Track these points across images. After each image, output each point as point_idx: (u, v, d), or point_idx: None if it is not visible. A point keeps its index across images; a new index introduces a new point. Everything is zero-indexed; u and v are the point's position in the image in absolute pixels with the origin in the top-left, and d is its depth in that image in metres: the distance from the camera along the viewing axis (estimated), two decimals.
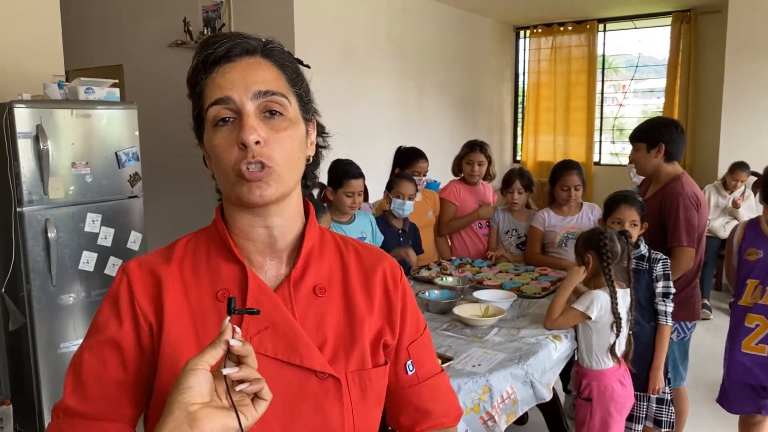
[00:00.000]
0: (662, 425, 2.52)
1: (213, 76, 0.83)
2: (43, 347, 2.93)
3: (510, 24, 7.73)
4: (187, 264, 0.88)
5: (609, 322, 2.23)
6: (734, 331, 2.32)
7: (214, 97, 0.81)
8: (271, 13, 4.67)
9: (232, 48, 0.82)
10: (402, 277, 0.98)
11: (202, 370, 0.68)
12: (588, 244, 2.31)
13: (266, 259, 0.88)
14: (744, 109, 5.45)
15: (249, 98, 0.81)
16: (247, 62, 0.83)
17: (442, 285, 2.75)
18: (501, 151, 7.85)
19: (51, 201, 2.90)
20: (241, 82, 0.81)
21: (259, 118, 0.81)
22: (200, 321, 0.84)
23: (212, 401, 0.68)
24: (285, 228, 0.88)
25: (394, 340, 0.94)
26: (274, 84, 0.83)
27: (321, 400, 0.84)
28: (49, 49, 3.53)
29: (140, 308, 0.84)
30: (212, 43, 0.83)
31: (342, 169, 2.82)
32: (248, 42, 0.84)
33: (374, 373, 0.90)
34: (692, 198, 2.56)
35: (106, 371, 0.83)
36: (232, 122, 0.81)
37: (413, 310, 0.98)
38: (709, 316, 4.84)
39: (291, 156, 0.84)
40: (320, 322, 0.87)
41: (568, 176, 3.13)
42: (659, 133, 2.65)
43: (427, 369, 1.00)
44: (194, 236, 0.92)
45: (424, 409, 0.98)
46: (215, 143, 0.82)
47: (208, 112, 0.82)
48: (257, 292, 0.85)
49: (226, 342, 0.69)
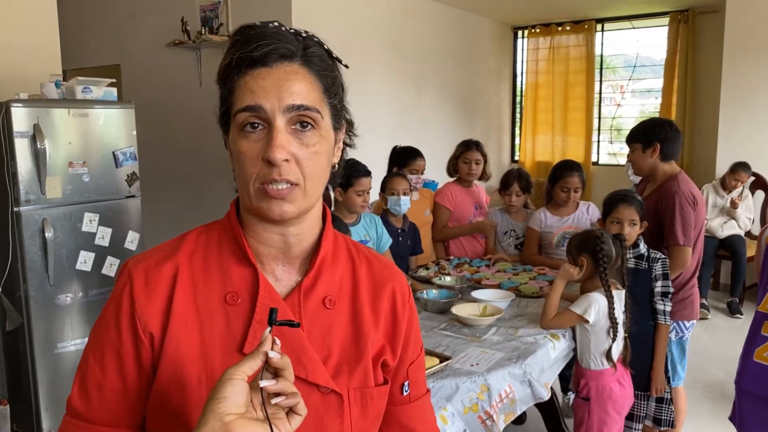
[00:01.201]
0: (661, 424, 2.52)
1: (246, 78, 0.79)
2: (40, 347, 2.92)
3: (508, 24, 7.73)
4: (197, 259, 0.85)
5: (606, 327, 2.23)
6: (750, 339, 2.23)
7: (245, 102, 0.78)
8: (269, 14, 4.67)
9: (270, 53, 0.78)
10: (410, 298, 0.96)
11: (239, 380, 0.66)
12: (583, 246, 2.31)
13: (279, 265, 0.86)
14: (742, 109, 5.46)
15: (281, 111, 0.77)
16: (284, 70, 0.79)
17: (440, 284, 2.75)
18: (499, 150, 7.85)
19: (48, 200, 2.89)
20: (274, 91, 0.77)
21: (288, 132, 0.78)
22: (207, 323, 0.82)
23: (247, 412, 0.67)
24: (302, 236, 0.86)
25: (394, 361, 0.92)
26: (309, 97, 0.79)
27: (322, 415, 0.83)
28: (46, 48, 3.52)
29: (140, 320, 0.81)
30: (248, 41, 0.79)
31: (351, 168, 2.80)
32: (287, 46, 0.79)
33: (376, 392, 0.88)
34: (688, 196, 2.57)
35: (106, 379, 0.82)
36: (260, 130, 0.78)
37: (417, 331, 0.97)
38: (707, 315, 4.85)
39: (319, 172, 0.82)
40: (326, 334, 0.85)
41: (570, 178, 3.13)
42: (654, 133, 2.67)
43: (419, 389, 0.99)
44: (206, 229, 0.89)
45: (409, 429, 0.98)
46: (241, 149, 0.79)
47: (236, 116, 0.79)
48: (267, 299, 0.82)
49: (264, 353, 0.68)
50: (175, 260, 0.84)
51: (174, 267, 0.84)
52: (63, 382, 2.96)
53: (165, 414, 0.81)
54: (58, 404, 2.96)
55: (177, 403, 0.80)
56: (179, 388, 0.80)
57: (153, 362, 0.82)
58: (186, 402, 0.80)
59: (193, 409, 0.79)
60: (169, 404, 0.80)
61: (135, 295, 0.82)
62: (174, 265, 0.84)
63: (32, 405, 2.94)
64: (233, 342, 0.82)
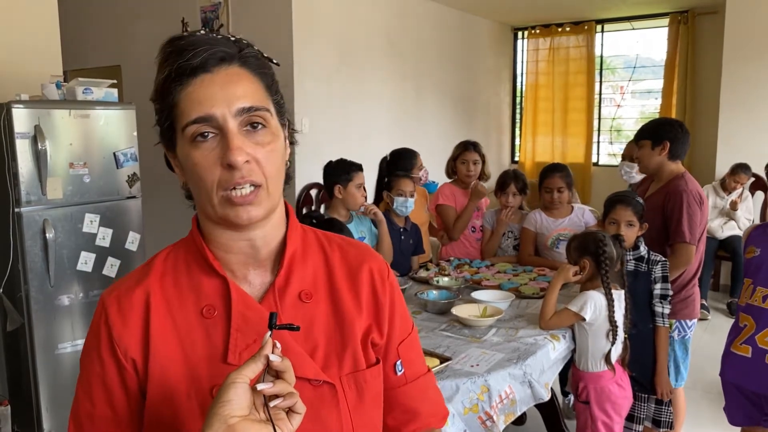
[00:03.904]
0: (661, 425, 2.52)
1: (189, 89, 0.78)
2: (41, 348, 2.92)
3: (508, 25, 7.74)
4: (168, 281, 0.85)
5: (605, 328, 2.23)
6: (731, 331, 2.31)
7: (193, 114, 0.77)
8: (269, 14, 4.67)
9: (209, 58, 0.78)
10: (390, 275, 0.96)
11: (241, 383, 0.68)
12: (584, 249, 2.30)
13: (249, 270, 0.86)
14: (741, 110, 5.46)
15: (232, 115, 0.77)
16: (226, 73, 0.79)
17: (439, 285, 2.75)
18: (499, 151, 7.86)
19: (49, 201, 2.90)
20: (222, 97, 0.77)
21: (241, 134, 0.78)
22: (187, 340, 0.83)
23: (251, 414, 0.69)
24: (267, 238, 0.86)
25: (382, 339, 0.93)
26: (256, 97, 0.80)
27: (317, 408, 0.83)
28: (47, 49, 3.53)
29: (119, 347, 0.82)
30: (182, 51, 0.78)
31: (346, 164, 2.84)
32: (223, 49, 0.79)
33: (369, 374, 0.89)
34: (696, 196, 2.58)
35: (96, 410, 0.83)
36: (212, 138, 0.78)
37: (402, 308, 0.97)
38: (707, 316, 4.86)
39: (278, 170, 0.82)
40: (309, 328, 0.86)
41: (551, 178, 3.16)
42: (664, 131, 2.69)
43: (416, 369, 0.98)
44: (173, 249, 0.89)
45: (412, 410, 0.97)
46: (195, 161, 0.78)
47: (185, 129, 0.78)
48: (242, 306, 0.83)
49: (265, 357, 0.70)
50: (146, 284, 0.85)
51: (145, 291, 0.84)
52: (64, 382, 2.97)
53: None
54: (58, 405, 2.96)
55: (170, 421, 0.81)
56: (170, 407, 0.81)
57: (140, 386, 0.83)
58: (179, 418, 0.81)
59: (187, 424, 0.81)
60: (163, 423, 0.82)
61: (111, 323, 0.83)
62: (145, 290, 0.84)
63: (33, 405, 2.94)
64: (216, 353, 0.82)
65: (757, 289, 2.18)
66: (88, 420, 0.83)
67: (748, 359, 2.18)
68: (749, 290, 2.21)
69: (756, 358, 2.15)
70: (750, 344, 2.18)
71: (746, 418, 2.28)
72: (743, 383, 2.22)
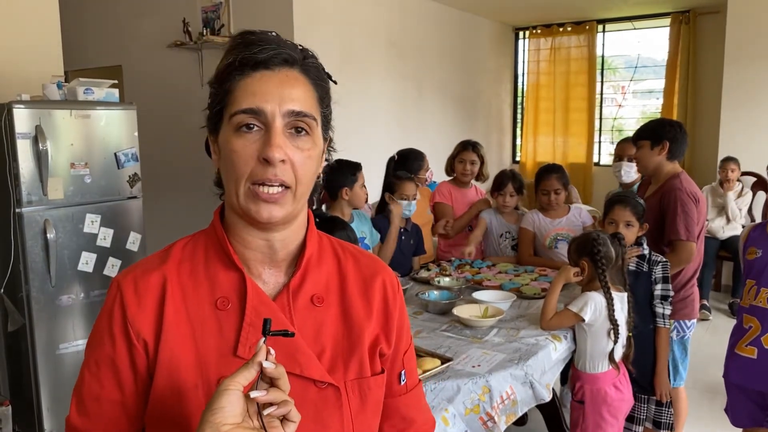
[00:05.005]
0: (661, 427, 2.52)
1: (247, 80, 0.80)
2: (42, 348, 2.92)
3: (509, 25, 7.73)
4: (185, 268, 0.86)
5: (605, 328, 2.23)
6: (734, 332, 2.31)
7: (245, 104, 0.79)
8: (271, 14, 4.67)
9: (274, 56, 0.80)
10: (399, 289, 0.98)
11: (234, 390, 0.68)
12: (581, 250, 2.31)
13: (265, 268, 0.87)
14: (743, 111, 5.45)
15: (281, 114, 0.79)
16: (285, 74, 0.81)
17: (440, 286, 2.75)
18: (500, 151, 7.85)
19: (50, 202, 2.90)
20: (276, 95, 0.79)
21: (285, 135, 0.80)
22: (199, 329, 0.83)
23: (244, 422, 0.68)
24: (287, 241, 0.87)
25: (390, 350, 0.94)
26: (307, 104, 0.82)
27: (321, 410, 0.84)
28: (48, 49, 3.53)
29: (132, 327, 0.82)
30: (250, 44, 0.81)
31: (350, 165, 2.85)
32: (288, 52, 0.82)
33: (373, 382, 0.90)
34: (690, 194, 2.60)
35: (103, 391, 0.83)
36: (256, 131, 0.80)
37: (407, 320, 1.00)
38: (708, 316, 4.85)
39: (310, 177, 0.84)
40: (318, 331, 0.87)
41: (548, 180, 3.16)
42: (664, 131, 2.71)
43: (414, 378, 1.01)
44: (192, 239, 0.90)
45: (409, 418, 1.00)
46: (234, 148, 0.80)
47: (233, 117, 0.80)
48: (256, 301, 0.84)
49: (259, 363, 0.69)
50: (163, 270, 0.85)
51: (162, 276, 0.85)
52: (65, 382, 2.97)
53: (164, 421, 0.82)
54: (59, 405, 2.96)
55: (175, 410, 0.81)
56: (176, 395, 0.81)
57: (149, 368, 0.82)
58: (184, 408, 0.81)
59: (192, 414, 0.80)
60: (168, 411, 0.81)
61: (126, 303, 0.83)
62: (162, 275, 0.85)
63: (34, 405, 2.95)
64: (227, 346, 0.83)
65: (762, 290, 2.18)
66: (94, 402, 0.83)
67: (753, 360, 2.18)
68: (753, 292, 2.21)
69: (762, 359, 2.16)
70: (756, 346, 2.18)
71: (749, 420, 2.28)
72: (748, 384, 2.22)
